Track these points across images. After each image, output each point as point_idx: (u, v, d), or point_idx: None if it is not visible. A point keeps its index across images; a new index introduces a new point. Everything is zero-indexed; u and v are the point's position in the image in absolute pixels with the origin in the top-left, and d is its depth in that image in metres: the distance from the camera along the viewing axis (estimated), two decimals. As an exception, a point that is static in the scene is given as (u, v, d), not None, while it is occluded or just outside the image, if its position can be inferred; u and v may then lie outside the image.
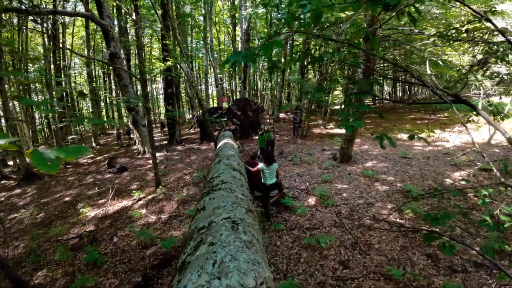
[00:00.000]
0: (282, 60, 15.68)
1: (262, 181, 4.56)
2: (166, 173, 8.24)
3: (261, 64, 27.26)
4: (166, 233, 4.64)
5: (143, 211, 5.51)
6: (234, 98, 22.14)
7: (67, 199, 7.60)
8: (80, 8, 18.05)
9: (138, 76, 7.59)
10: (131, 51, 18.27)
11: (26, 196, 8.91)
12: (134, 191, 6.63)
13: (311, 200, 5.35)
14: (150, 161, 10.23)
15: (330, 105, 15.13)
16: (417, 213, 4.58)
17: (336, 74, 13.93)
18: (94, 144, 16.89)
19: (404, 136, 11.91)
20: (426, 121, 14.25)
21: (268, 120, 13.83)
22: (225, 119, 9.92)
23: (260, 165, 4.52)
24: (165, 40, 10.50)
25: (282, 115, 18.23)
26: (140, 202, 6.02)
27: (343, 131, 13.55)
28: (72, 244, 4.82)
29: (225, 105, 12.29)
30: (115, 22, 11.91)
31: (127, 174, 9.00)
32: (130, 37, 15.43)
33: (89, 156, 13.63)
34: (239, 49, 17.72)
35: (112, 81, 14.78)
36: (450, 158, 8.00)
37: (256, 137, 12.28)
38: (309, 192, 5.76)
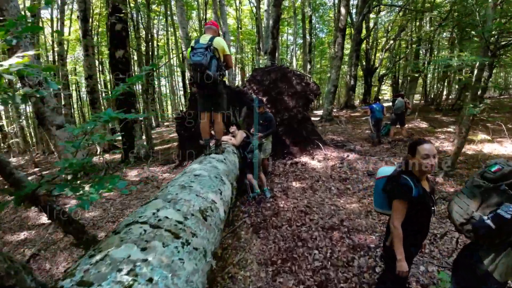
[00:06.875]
0: (342, 17, 8.84)
1: None
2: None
3: (296, 44, 20.23)
4: None
5: None
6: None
7: None
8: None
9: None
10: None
11: None
12: None
13: None
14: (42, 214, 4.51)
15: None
16: None
17: None
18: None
19: None
20: None
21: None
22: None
23: None
24: None
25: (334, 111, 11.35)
26: None
27: (503, 150, 4.84)
28: None
29: (209, 73, 2.74)
30: None
31: None
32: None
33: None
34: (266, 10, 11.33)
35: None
36: None
37: (304, 159, 5.51)
38: None
